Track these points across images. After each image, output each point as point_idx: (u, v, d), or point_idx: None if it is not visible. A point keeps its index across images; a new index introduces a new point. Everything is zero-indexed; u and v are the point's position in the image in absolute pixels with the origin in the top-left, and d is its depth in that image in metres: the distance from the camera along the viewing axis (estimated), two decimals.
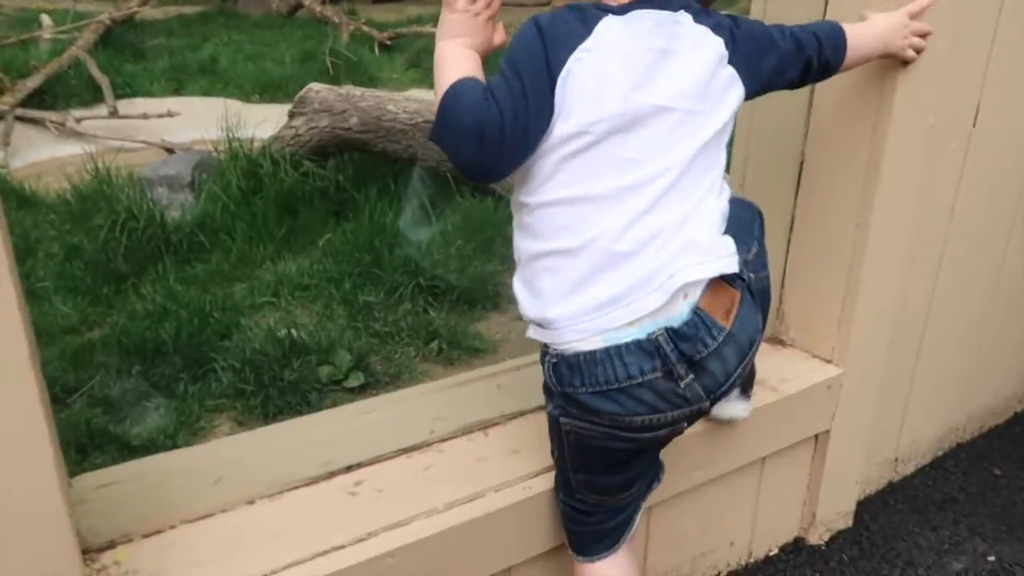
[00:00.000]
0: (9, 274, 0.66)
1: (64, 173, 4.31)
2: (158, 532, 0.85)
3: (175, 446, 1.96)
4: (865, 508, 1.45)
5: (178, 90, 5.72)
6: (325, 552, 0.83)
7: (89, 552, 0.82)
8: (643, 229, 0.83)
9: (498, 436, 1.04)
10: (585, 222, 0.84)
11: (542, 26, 0.82)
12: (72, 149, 5.11)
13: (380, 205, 3.21)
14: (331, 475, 0.95)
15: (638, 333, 0.84)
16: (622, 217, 0.83)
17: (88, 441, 1.94)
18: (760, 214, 0.99)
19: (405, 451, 0.99)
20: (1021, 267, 1.54)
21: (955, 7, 1.10)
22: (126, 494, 0.89)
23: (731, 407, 1.08)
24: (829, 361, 1.24)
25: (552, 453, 0.98)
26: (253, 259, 3.03)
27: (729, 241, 0.88)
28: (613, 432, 0.89)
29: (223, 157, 3.38)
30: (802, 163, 1.20)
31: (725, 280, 0.87)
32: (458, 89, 0.83)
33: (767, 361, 1.24)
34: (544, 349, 0.91)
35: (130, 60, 6.00)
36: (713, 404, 0.92)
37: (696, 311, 0.85)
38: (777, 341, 1.31)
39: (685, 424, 0.93)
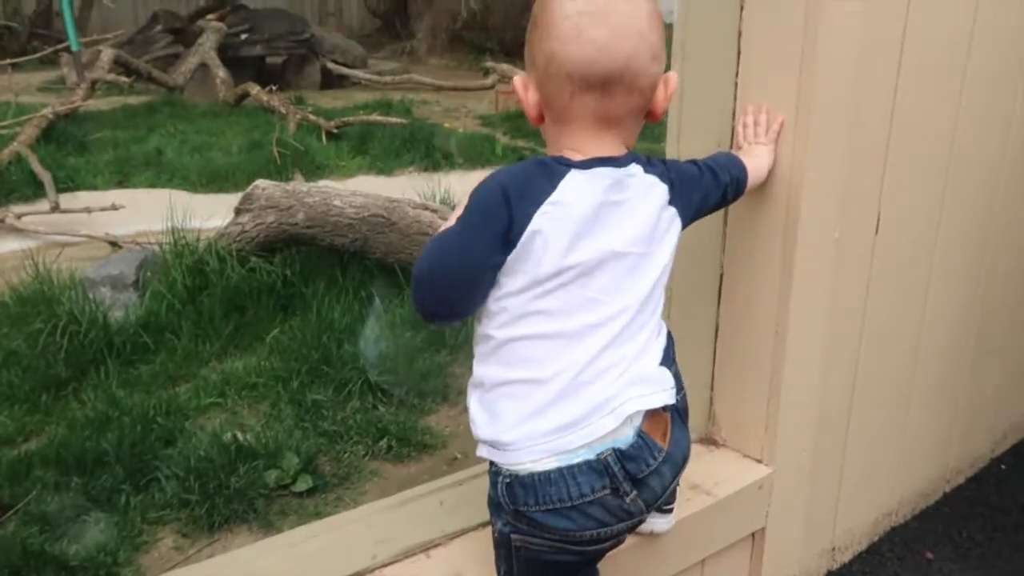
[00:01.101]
0: None
1: (1, 270, 4.23)
2: None
3: (115, 563, 1.91)
4: None
5: (122, 183, 5.70)
6: None
7: None
8: (603, 361, 0.90)
9: (440, 557, 1.06)
10: (555, 355, 0.89)
11: (507, 186, 0.88)
12: (12, 245, 5.03)
13: (328, 299, 3.23)
14: None
15: (588, 454, 0.89)
16: (587, 351, 0.89)
17: (23, 563, 1.87)
18: (671, 337, 1.06)
19: None
20: (935, 355, 1.63)
21: (848, 133, 1.20)
22: None
23: (653, 522, 1.13)
24: (759, 461, 1.30)
25: (498, 571, 1.00)
26: (199, 357, 3.01)
27: (668, 374, 0.95)
28: (564, 546, 0.92)
29: (168, 255, 3.37)
30: (721, 275, 1.27)
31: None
32: (432, 242, 0.90)
33: (701, 462, 1.29)
34: (495, 469, 0.94)
35: (73, 153, 5.98)
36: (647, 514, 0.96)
37: (640, 434, 0.91)
38: (711, 441, 1.37)
39: (627, 535, 0.98)
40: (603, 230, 0.89)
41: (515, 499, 0.91)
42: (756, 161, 1.14)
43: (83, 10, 9.53)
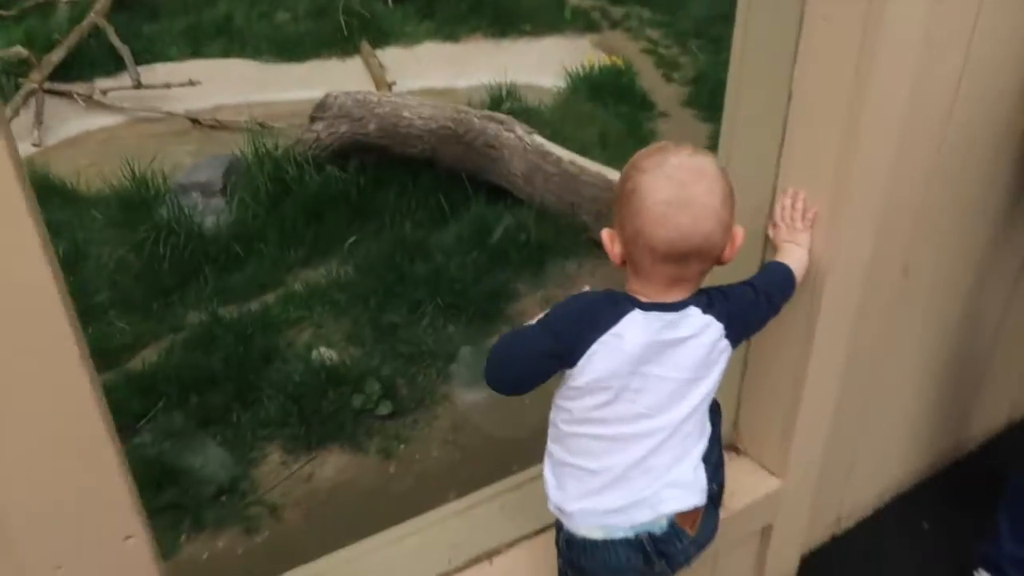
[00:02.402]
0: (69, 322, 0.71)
1: (93, 149, 4.51)
2: None
3: (233, 477, 2.29)
4: (809, 561, 1.75)
5: (196, 52, 5.78)
6: None
7: None
8: (646, 464, 1.10)
9: (502, 564, 1.34)
10: (606, 454, 1.10)
11: (585, 304, 1.07)
12: (101, 121, 5.30)
13: (399, 208, 3.43)
14: None
15: (628, 533, 1.12)
16: (633, 455, 1.09)
17: (155, 473, 2.26)
18: (720, 411, 1.24)
19: None
20: (942, 338, 1.76)
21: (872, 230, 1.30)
22: None
23: None
24: (773, 473, 1.51)
25: None
26: (285, 263, 3.30)
27: (703, 477, 1.14)
28: None
29: (250, 160, 3.58)
30: None
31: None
32: (511, 335, 1.11)
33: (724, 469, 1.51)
34: (559, 524, 1.19)
35: (147, 20, 6.05)
36: None
37: (672, 524, 1.13)
38: (733, 449, 1.58)
39: None
40: (656, 360, 1.06)
41: (570, 551, 1.16)
42: (799, 263, 1.25)
43: None
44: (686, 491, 1.12)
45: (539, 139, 3.41)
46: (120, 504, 0.79)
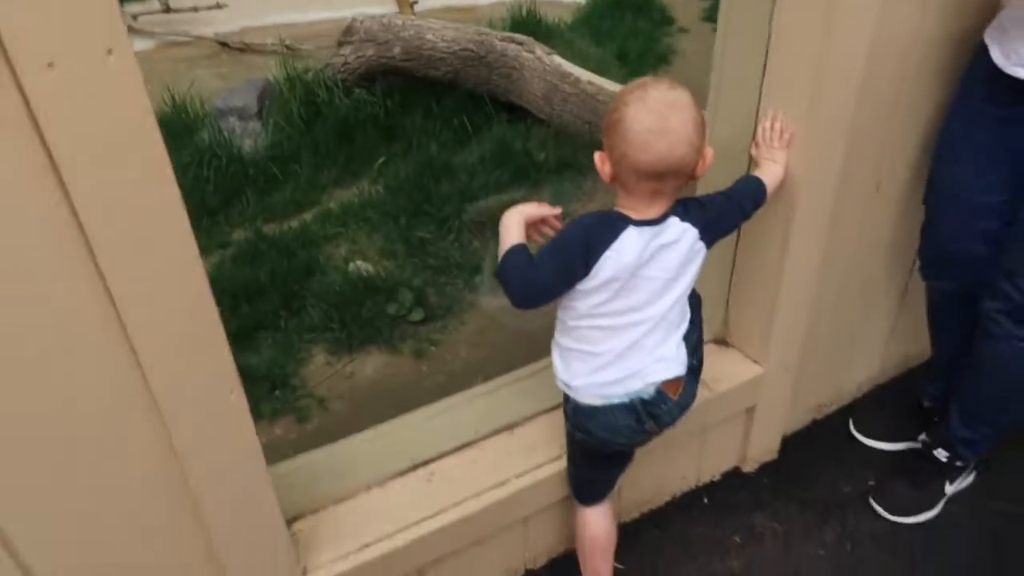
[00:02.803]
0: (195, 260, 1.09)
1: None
2: (315, 511, 1.44)
3: (285, 374, 2.58)
4: (791, 442, 1.99)
5: None
6: (416, 523, 1.42)
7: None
8: (638, 345, 1.32)
9: (519, 434, 1.59)
10: (605, 340, 1.32)
11: (588, 235, 1.25)
12: (135, 46, 5.48)
13: (425, 128, 3.61)
14: (415, 468, 1.52)
15: (623, 399, 1.36)
16: (627, 339, 1.32)
17: None
18: (699, 299, 1.46)
19: (459, 448, 1.55)
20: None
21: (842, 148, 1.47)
22: (292, 485, 1.47)
23: None
24: (756, 362, 1.74)
25: (567, 448, 1.53)
26: (319, 183, 3.51)
27: (684, 353, 1.37)
28: (603, 447, 1.44)
29: (283, 85, 3.75)
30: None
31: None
32: (512, 251, 1.30)
33: (712, 360, 1.73)
34: (567, 397, 1.42)
35: None
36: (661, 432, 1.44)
37: (658, 391, 1.36)
38: (723, 343, 1.81)
39: (647, 443, 1.47)
40: (647, 265, 1.27)
41: (576, 417, 1.41)
42: (773, 177, 1.44)
43: None
44: (670, 364, 1.35)
45: (558, 59, 3.54)
46: (224, 365, 1.04)
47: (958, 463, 1.82)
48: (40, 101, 0.75)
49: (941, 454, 1.82)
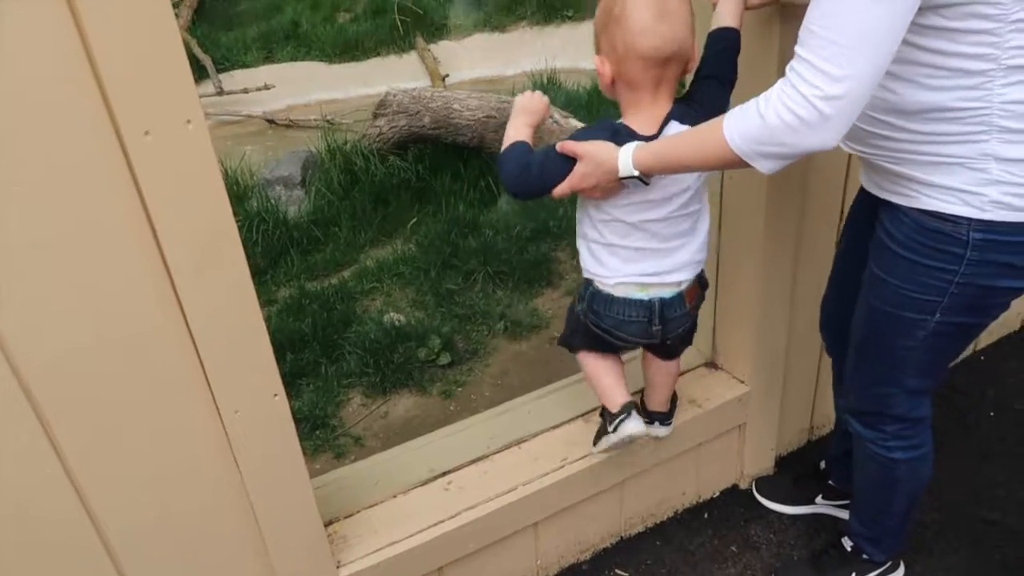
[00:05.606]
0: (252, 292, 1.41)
1: None
2: (351, 515, 1.65)
3: (325, 415, 2.82)
4: (786, 460, 2.15)
5: (268, 57, 6.38)
6: (435, 524, 1.62)
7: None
8: (658, 247, 1.43)
9: (527, 448, 1.79)
10: (630, 235, 1.42)
11: (598, 139, 1.32)
12: None
13: (454, 190, 3.90)
14: (434, 478, 1.73)
15: (643, 295, 1.46)
16: (649, 237, 1.41)
17: None
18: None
19: (473, 462, 1.76)
20: None
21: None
22: (329, 494, 1.69)
23: (657, 431, 1.76)
24: (742, 382, 1.92)
25: (567, 324, 1.62)
26: (357, 244, 3.81)
27: (703, 258, 1.46)
28: (606, 335, 1.52)
29: (324, 155, 4.10)
30: (719, 251, 1.84)
31: (698, 278, 1.51)
32: (514, 147, 1.41)
33: (702, 382, 1.93)
34: (588, 280, 1.50)
35: (223, 29, 6.66)
36: (664, 342, 1.53)
37: (679, 294, 1.48)
38: (713, 365, 1.99)
39: (644, 344, 1.59)
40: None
41: (592, 301, 1.50)
42: (736, 9, 1.39)
43: None
44: (687, 269, 1.46)
45: (574, 122, 3.82)
46: (268, 370, 1.27)
47: (864, 556, 1.73)
48: (139, 162, 1.02)
49: (847, 543, 1.77)
